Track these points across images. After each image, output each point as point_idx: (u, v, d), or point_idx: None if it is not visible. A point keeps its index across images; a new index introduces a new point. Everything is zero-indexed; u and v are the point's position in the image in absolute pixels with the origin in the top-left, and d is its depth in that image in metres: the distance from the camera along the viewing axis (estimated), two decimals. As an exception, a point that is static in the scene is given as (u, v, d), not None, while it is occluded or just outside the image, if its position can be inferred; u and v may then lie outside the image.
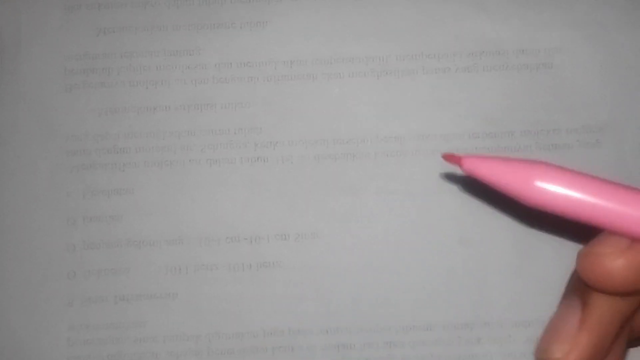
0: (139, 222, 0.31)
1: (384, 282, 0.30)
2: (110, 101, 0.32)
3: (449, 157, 0.21)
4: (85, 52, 0.32)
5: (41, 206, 0.31)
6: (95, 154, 0.31)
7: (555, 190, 0.19)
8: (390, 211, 0.31)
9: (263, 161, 0.31)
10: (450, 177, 0.31)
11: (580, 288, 0.21)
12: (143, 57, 0.32)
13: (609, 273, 0.20)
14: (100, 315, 0.31)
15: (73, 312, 0.31)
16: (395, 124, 0.31)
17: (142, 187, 0.31)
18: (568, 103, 0.31)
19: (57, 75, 0.32)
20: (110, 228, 0.31)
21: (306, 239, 0.31)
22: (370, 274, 0.30)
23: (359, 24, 0.32)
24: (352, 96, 0.31)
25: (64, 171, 0.31)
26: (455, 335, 0.30)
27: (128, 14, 0.32)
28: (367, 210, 0.31)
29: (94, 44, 0.32)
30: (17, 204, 0.31)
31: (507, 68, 0.31)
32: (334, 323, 0.30)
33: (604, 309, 0.21)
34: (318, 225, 0.31)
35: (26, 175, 0.31)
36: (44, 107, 0.32)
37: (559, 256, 0.30)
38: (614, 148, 0.31)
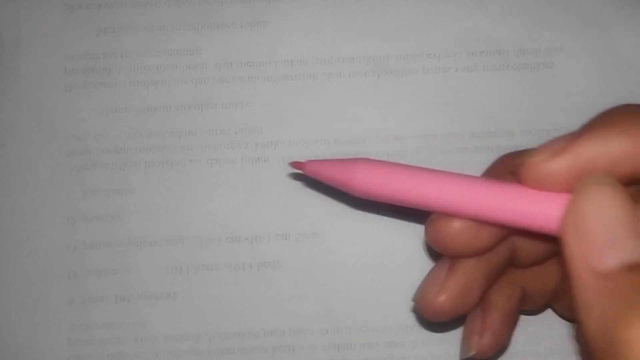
0: (139, 222, 0.31)
1: (384, 282, 0.30)
2: (111, 101, 0.32)
3: (295, 165, 0.24)
4: (86, 52, 0.32)
5: (42, 206, 0.31)
6: (96, 154, 0.31)
7: (372, 181, 0.22)
8: (390, 211, 0.31)
9: (264, 161, 0.31)
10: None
11: None
12: (143, 57, 0.32)
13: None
14: (100, 315, 0.31)
15: (73, 312, 0.31)
16: (395, 124, 0.31)
17: (143, 187, 0.31)
18: (568, 103, 0.31)
19: (57, 75, 0.32)
20: (110, 228, 0.31)
21: (307, 238, 0.31)
22: (371, 274, 0.30)
23: (359, 23, 0.32)
24: (352, 96, 0.31)
25: (65, 171, 0.31)
26: (455, 335, 0.30)
27: (128, 14, 0.32)
28: (367, 209, 0.30)
29: (94, 43, 0.32)
30: (17, 203, 0.31)
31: (507, 68, 0.31)
32: (334, 323, 0.30)
33: (466, 260, 0.23)
34: (318, 225, 0.31)
35: (26, 175, 0.31)
36: (44, 107, 0.32)
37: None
38: (614, 148, 0.31)
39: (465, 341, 0.25)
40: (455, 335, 0.30)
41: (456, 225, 0.22)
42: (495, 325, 0.24)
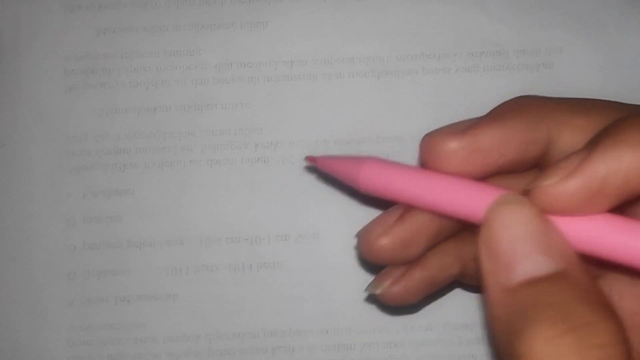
0: (139, 222, 0.31)
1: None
2: (110, 102, 0.32)
3: (309, 159, 0.26)
4: (86, 53, 0.32)
5: (41, 207, 0.31)
6: (96, 155, 0.31)
7: (376, 180, 0.23)
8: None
9: (263, 161, 0.31)
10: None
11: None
12: (143, 58, 0.32)
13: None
14: (100, 315, 0.31)
15: (73, 313, 0.31)
16: (395, 124, 0.31)
17: (143, 187, 0.31)
18: (568, 103, 0.31)
19: (57, 76, 0.32)
20: (110, 229, 0.31)
21: (306, 239, 0.31)
22: (370, 274, 0.30)
23: (359, 24, 0.31)
24: (352, 96, 0.31)
25: (64, 172, 0.31)
26: (455, 336, 0.30)
27: (128, 15, 0.32)
28: (367, 211, 0.30)
29: (94, 44, 0.32)
30: (17, 204, 0.31)
31: (507, 68, 0.31)
32: (334, 323, 0.30)
33: (418, 213, 0.23)
34: (318, 226, 0.31)
35: (26, 175, 0.31)
36: (44, 108, 0.32)
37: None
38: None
39: (378, 278, 0.25)
40: (455, 336, 0.30)
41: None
42: (412, 283, 0.24)
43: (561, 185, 0.18)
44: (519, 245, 0.18)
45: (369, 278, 0.30)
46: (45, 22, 0.32)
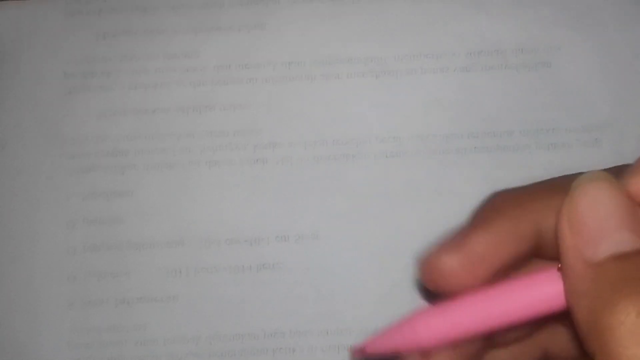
0: (139, 224, 0.31)
1: (384, 283, 0.30)
2: (110, 104, 0.32)
3: (357, 353, 0.23)
4: (86, 56, 0.32)
5: (42, 209, 0.31)
6: (96, 157, 0.31)
7: (436, 337, 0.21)
8: (390, 212, 0.31)
9: (263, 162, 0.31)
10: (450, 177, 0.31)
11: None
12: (142, 60, 0.32)
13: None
14: (100, 317, 0.31)
15: (74, 315, 0.31)
16: (394, 124, 0.31)
17: (142, 189, 0.31)
18: (567, 102, 0.31)
19: (57, 79, 0.32)
20: (110, 231, 0.31)
21: (306, 240, 0.31)
22: (371, 275, 0.30)
23: (357, 24, 0.32)
24: (351, 97, 0.31)
25: (65, 174, 0.31)
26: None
27: (127, 18, 0.32)
28: (366, 211, 0.30)
29: (94, 47, 0.32)
30: (18, 207, 0.31)
31: (506, 67, 0.31)
32: (335, 324, 0.30)
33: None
34: (318, 227, 0.31)
35: (27, 178, 0.31)
36: (45, 111, 0.32)
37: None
38: (614, 147, 0.31)
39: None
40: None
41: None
42: None
43: (442, 259, 0.20)
44: (605, 221, 0.18)
45: (368, 278, 0.30)
46: (46, 26, 0.32)
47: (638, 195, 0.18)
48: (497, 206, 0.22)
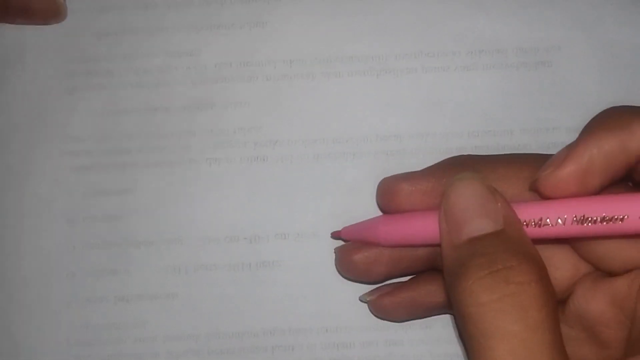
0: (139, 222, 0.31)
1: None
2: (112, 103, 0.32)
3: (334, 234, 0.29)
4: (88, 55, 0.32)
5: (42, 206, 0.31)
6: (96, 155, 0.31)
7: (394, 233, 0.27)
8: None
9: (262, 160, 0.31)
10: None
11: None
12: (144, 59, 0.32)
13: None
14: (100, 315, 0.31)
15: (73, 312, 0.31)
16: (394, 123, 0.31)
17: (143, 187, 0.31)
18: (567, 101, 0.31)
19: (59, 78, 0.32)
20: (110, 228, 0.31)
21: (306, 238, 0.31)
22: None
23: (358, 23, 0.32)
24: (351, 95, 0.31)
25: (65, 172, 0.31)
26: (454, 334, 0.30)
27: (129, 16, 0.32)
28: (366, 210, 0.30)
29: (95, 46, 0.32)
30: (18, 204, 0.31)
31: (506, 67, 0.31)
32: (334, 322, 0.30)
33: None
34: (317, 225, 0.31)
35: (27, 175, 0.31)
36: (46, 109, 0.32)
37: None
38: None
39: (372, 290, 0.29)
40: (454, 335, 0.30)
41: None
42: (399, 299, 0.28)
43: (555, 173, 0.23)
44: (467, 211, 0.22)
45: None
46: (48, 25, 0.32)
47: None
48: (605, 120, 0.23)
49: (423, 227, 0.25)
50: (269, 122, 0.31)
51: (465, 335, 0.21)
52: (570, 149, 0.23)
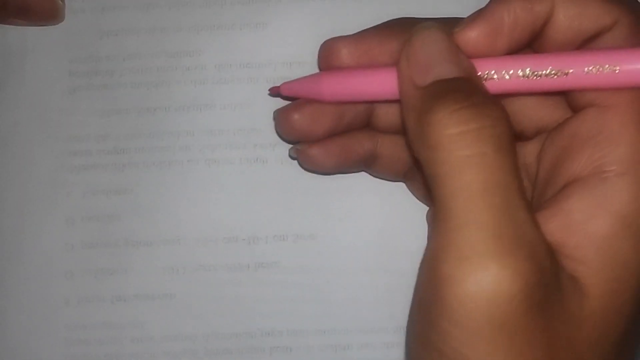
0: (137, 222, 0.31)
1: (381, 283, 0.30)
2: (112, 103, 0.32)
3: (272, 90, 0.28)
4: (89, 55, 0.32)
5: (41, 206, 0.31)
6: (96, 155, 0.32)
7: (338, 89, 0.26)
8: (388, 212, 0.30)
9: (262, 162, 0.31)
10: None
11: None
12: (144, 59, 0.32)
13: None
14: (97, 315, 0.31)
15: (70, 312, 0.31)
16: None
17: (141, 187, 0.31)
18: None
19: (61, 78, 0.32)
20: (108, 228, 0.31)
21: (304, 239, 0.31)
22: (368, 275, 0.30)
23: (358, 24, 0.31)
24: (351, 97, 0.31)
25: (65, 171, 0.31)
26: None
27: (130, 17, 0.32)
28: (365, 211, 0.30)
29: (97, 46, 0.32)
30: (17, 203, 0.31)
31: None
32: (332, 324, 0.30)
33: None
34: (316, 226, 0.31)
35: (27, 174, 0.31)
36: (47, 109, 0.32)
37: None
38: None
39: (297, 145, 0.29)
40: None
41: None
42: (327, 147, 0.28)
43: (465, 32, 0.23)
44: (433, 56, 0.22)
45: (365, 277, 0.30)
46: (50, 26, 0.32)
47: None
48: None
49: (369, 81, 0.25)
50: (269, 124, 0.31)
51: (431, 169, 0.21)
52: (480, 10, 0.23)
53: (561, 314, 0.20)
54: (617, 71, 0.21)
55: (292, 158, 0.30)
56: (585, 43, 0.23)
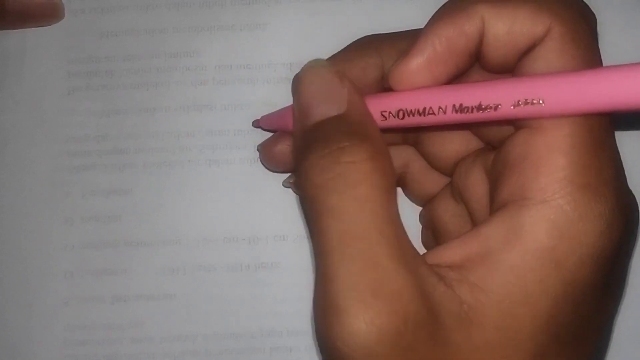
0: (137, 222, 0.31)
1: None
2: (111, 103, 0.32)
3: (254, 123, 0.30)
4: (88, 56, 0.32)
5: (40, 206, 0.31)
6: (96, 155, 0.31)
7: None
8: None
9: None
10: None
11: None
12: (144, 60, 0.32)
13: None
14: (97, 315, 0.30)
15: (70, 312, 0.31)
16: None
17: (141, 187, 0.31)
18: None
19: (60, 78, 0.32)
20: (108, 228, 0.31)
21: (304, 240, 0.31)
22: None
23: (358, 25, 0.32)
24: (350, 97, 0.31)
25: (64, 172, 0.31)
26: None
27: (129, 18, 0.32)
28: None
29: (96, 47, 0.32)
30: (16, 203, 0.31)
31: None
32: (332, 324, 0.30)
33: None
34: (316, 226, 0.31)
35: (27, 175, 0.31)
36: (47, 110, 0.32)
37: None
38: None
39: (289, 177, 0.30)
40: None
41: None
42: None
43: (402, 66, 0.22)
44: (314, 97, 0.23)
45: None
46: (49, 26, 0.32)
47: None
48: (443, 10, 0.23)
49: None
50: (268, 124, 0.31)
51: (306, 218, 0.21)
52: (413, 42, 0.23)
53: (439, 349, 0.20)
54: (543, 105, 0.20)
55: (286, 187, 0.30)
56: (524, 56, 0.22)
